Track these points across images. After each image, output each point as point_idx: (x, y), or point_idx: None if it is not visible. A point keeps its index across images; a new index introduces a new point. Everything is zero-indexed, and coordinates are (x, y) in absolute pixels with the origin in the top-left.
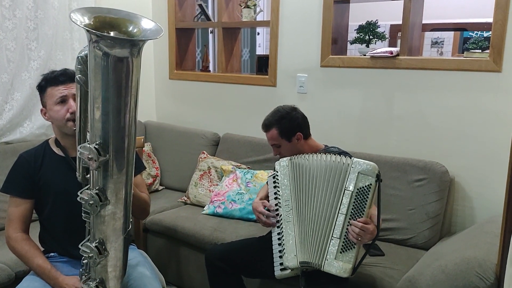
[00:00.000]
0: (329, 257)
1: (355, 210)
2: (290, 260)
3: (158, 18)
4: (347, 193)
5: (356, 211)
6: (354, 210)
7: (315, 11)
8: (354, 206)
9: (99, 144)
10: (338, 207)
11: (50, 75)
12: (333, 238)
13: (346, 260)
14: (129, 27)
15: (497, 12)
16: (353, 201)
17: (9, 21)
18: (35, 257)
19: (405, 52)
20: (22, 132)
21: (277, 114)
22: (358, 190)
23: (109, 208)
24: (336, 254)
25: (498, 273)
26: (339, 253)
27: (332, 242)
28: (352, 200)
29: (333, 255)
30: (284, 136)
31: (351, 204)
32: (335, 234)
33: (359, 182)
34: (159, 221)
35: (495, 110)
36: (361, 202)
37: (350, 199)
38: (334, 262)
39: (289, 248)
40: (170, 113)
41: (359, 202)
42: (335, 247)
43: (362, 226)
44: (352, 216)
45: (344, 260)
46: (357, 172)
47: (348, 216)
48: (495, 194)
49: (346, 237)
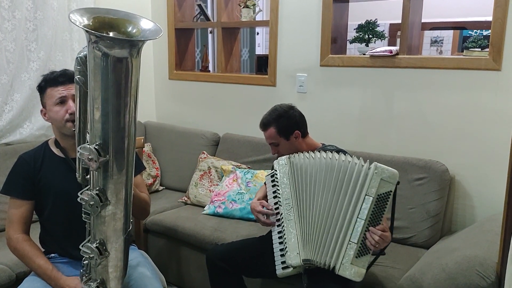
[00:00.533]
0: (345, 261)
1: (374, 216)
2: (293, 258)
3: (158, 18)
4: (368, 198)
5: (374, 218)
6: (373, 216)
7: (315, 11)
8: (373, 212)
9: (99, 145)
10: (356, 212)
11: (50, 76)
12: (351, 242)
13: (361, 265)
14: (128, 27)
15: (496, 10)
16: (373, 207)
17: (8, 22)
18: (36, 257)
19: (404, 51)
20: (22, 133)
21: (274, 113)
22: (379, 196)
23: (109, 208)
24: (352, 258)
25: (499, 272)
26: (355, 257)
27: (350, 246)
28: (372, 206)
29: (349, 259)
30: (282, 134)
31: (371, 210)
32: (353, 239)
33: (380, 189)
34: (160, 222)
35: (495, 108)
36: (380, 209)
37: (371, 205)
38: (349, 266)
39: (291, 247)
40: (170, 113)
41: (378, 209)
42: (352, 251)
43: (382, 235)
44: (371, 222)
45: (360, 265)
46: (380, 179)
47: (367, 221)
48: (495, 193)
49: (363, 242)
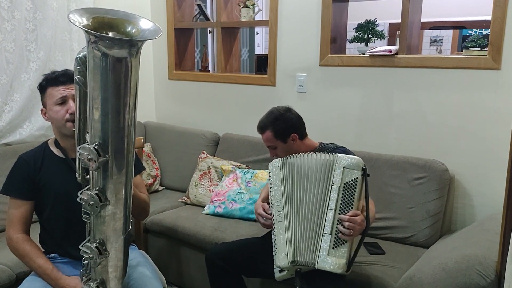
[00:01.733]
0: (322, 254)
1: (344, 204)
2: (281, 259)
3: (157, 18)
4: (334, 188)
5: (344, 206)
6: (342, 205)
7: (314, 10)
8: (342, 201)
9: (98, 145)
10: (327, 204)
11: (51, 75)
12: (325, 234)
13: (339, 256)
14: (127, 27)
15: (496, 9)
16: (341, 196)
17: (8, 23)
18: (36, 257)
19: (404, 50)
20: (22, 133)
21: (271, 116)
22: (345, 184)
23: (109, 208)
24: (329, 250)
25: (498, 271)
26: (331, 249)
27: (324, 238)
28: (339, 195)
29: (325, 252)
30: (279, 137)
31: (339, 199)
32: (326, 230)
33: (345, 177)
34: (160, 222)
35: (495, 107)
36: (349, 197)
37: (338, 194)
38: (327, 258)
39: (280, 248)
40: (169, 113)
41: (347, 197)
42: (327, 243)
43: (349, 219)
44: (341, 211)
45: (337, 255)
46: (343, 167)
47: (337, 211)
48: (495, 192)
49: (337, 232)
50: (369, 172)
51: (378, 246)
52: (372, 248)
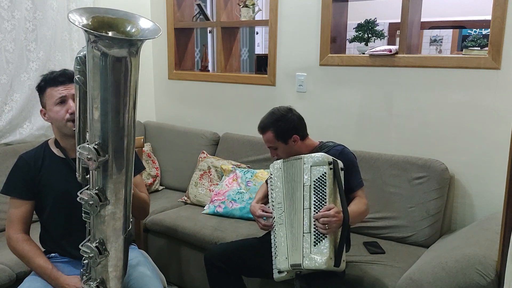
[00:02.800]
0: (305, 253)
1: (317, 201)
2: (281, 263)
3: (157, 18)
4: (306, 187)
5: (318, 202)
6: (316, 202)
7: (314, 10)
8: (315, 198)
9: (98, 144)
10: (302, 203)
11: (50, 76)
12: (305, 234)
13: (320, 252)
14: (127, 27)
15: (495, 9)
16: (312, 194)
17: (7, 22)
18: (36, 257)
19: (404, 50)
20: (22, 133)
21: (272, 117)
22: (315, 182)
23: (109, 208)
24: (310, 248)
25: (498, 270)
26: (312, 246)
27: (305, 238)
28: (311, 193)
29: (308, 250)
30: (280, 138)
31: (312, 197)
32: (305, 230)
33: (314, 175)
34: (160, 221)
35: (494, 107)
36: (320, 193)
37: (310, 192)
38: (311, 256)
39: (280, 251)
40: (169, 113)
41: (318, 193)
42: (308, 242)
43: (323, 214)
44: (316, 207)
45: (320, 252)
46: (310, 166)
47: (312, 209)
48: (495, 191)
49: (316, 229)
50: (369, 172)
51: (378, 246)
52: (372, 248)
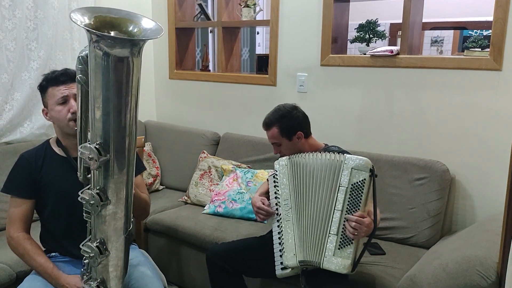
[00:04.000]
0: (327, 254)
1: (351, 205)
2: (289, 259)
3: (158, 17)
4: (342, 189)
5: (351, 207)
6: (349, 206)
7: (315, 10)
8: (349, 202)
9: (99, 144)
10: (334, 204)
11: (51, 75)
12: (331, 234)
13: (344, 256)
14: (129, 26)
15: (497, 10)
16: (348, 197)
17: (9, 21)
18: (37, 256)
19: (405, 50)
20: (23, 132)
21: (278, 113)
22: (352, 185)
23: (110, 208)
24: (334, 250)
25: (499, 271)
26: (337, 249)
27: (330, 238)
28: (347, 196)
29: (331, 252)
30: (284, 135)
31: (346, 200)
32: (332, 231)
33: (352, 178)
34: (160, 221)
35: (496, 108)
36: (356, 198)
37: (345, 195)
38: (332, 258)
39: (288, 247)
40: (170, 112)
41: (354, 198)
42: (333, 243)
43: (357, 220)
44: (348, 211)
45: (343, 256)
46: (350, 168)
47: (344, 212)
48: (496, 193)
49: (344, 233)
50: None
51: (378, 247)
52: (372, 249)
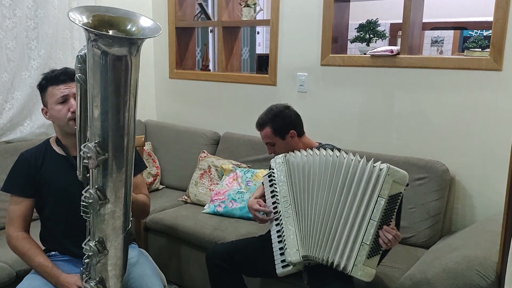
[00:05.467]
0: (357, 262)
1: (385, 217)
2: (292, 254)
3: (158, 17)
4: (381, 200)
5: (385, 219)
6: (384, 218)
7: (315, 10)
8: (384, 213)
9: (98, 143)
10: (368, 213)
11: (51, 74)
12: (364, 244)
13: (372, 265)
14: (127, 25)
15: (497, 10)
16: (384, 208)
17: (9, 20)
18: (36, 255)
19: (405, 50)
20: (23, 131)
21: (270, 113)
22: (390, 197)
23: (108, 206)
24: (365, 259)
25: (499, 272)
26: (366, 258)
27: (362, 247)
28: (384, 207)
29: (362, 261)
30: (277, 134)
31: (382, 211)
32: (366, 240)
33: (392, 190)
34: (160, 220)
35: (496, 108)
36: (391, 210)
37: (383, 206)
38: (362, 267)
39: (290, 243)
40: (170, 112)
41: (389, 210)
42: (364, 252)
43: (396, 234)
44: (382, 223)
45: (371, 265)
46: (392, 180)
47: (378, 222)
48: (496, 193)
49: (374, 242)
50: None
51: None
52: None
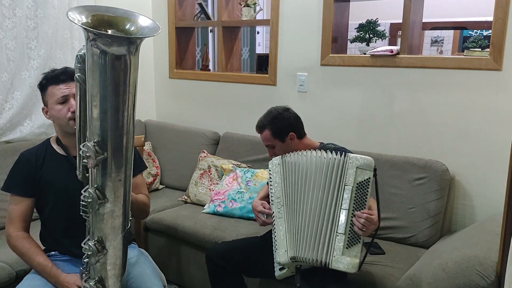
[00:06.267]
0: (336, 254)
1: (357, 204)
2: (281, 255)
3: (158, 17)
4: (348, 188)
5: (357, 206)
6: (355, 205)
7: (315, 10)
8: (355, 201)
9: (97, 142)
10: (339, 203)
11: (51, 74)
12: (338, 234)
13: (353, 255)
14: (126, 25)
15: (497, 10)
16: (354, 196)
17: (9, 20)
18: (36, 255)
19: (405, 50)
20: (22, 131)
21: (269, 115)
22: (358, 184)
23: (107, 206)
24: (343, 250)
25: (498, 271)
26: (345, 248)
27: (338, 238)
28: (353, 195)
29: (340, 251)
30: (277, 136)
31: (353, 199)
32: (340, 230)
33: (358, 177)
34: (160, 220)
35: (496, 108)
36: (362, 196)
37: (351, 194)
38: (341, 258)
39: (279, 244)
40: (170, 112)
41: (360, 196)
42: (341, 243)
43: (367, 217)
44: (355, 210)
45: (351, 255)
46: (355, 167)
47: (351, 211)
48: (496, 193)
49: (351, 232)
50: None
51: (378, 246)
52: (372, 248)
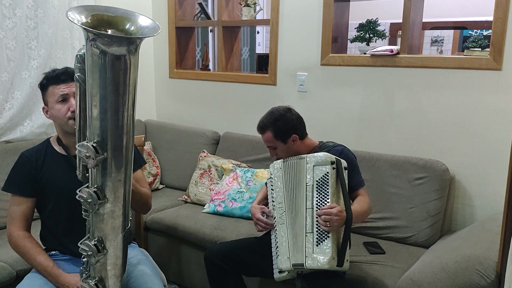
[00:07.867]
0: (308, 253)
1: (319, 201)
2: (283, 262)
3: (158, 16)
4: (308, 187)
5: (320, 202)
6: (318, 202)
7: (315, 10)
8: (317, 198)
9: (97, 142)
10: (303, 204)
11: (52, 74)
12: (307, 234)
13: (323, 252)
14: (126, 24)
15: (497, 10)
16: (315, 194)
17: (9, 20)
18: (37, 254)
19: (405, 50)
20: (23, 131)
21: (271, 116)
22: (317, 181)
23: (107, 206)
24: (313, 248)
25: (498, 271)
26: (315, 246)
27: (307, 238)
28: (314, 193)
29: (310, 250)
30: (279, 138)
31: (314, 196)
32: (308, 229)
33: (316, 175)
34: (160, 220)
35: (496, 108)
36: (322, 192)
37: (312, 192)
38: (313, 256)
39: (282, 251)
40: (170, 112)
41: (321, 193)
42: (310, 242)
43: (325, 212)
44: (318, 207)
45: (322, 252)
46: (312, 166)
47: (314, 208)
48: (496, 192)
49: (318, 229)
50: (369, 172)
51: (378, 246)
52: (372, 248)
